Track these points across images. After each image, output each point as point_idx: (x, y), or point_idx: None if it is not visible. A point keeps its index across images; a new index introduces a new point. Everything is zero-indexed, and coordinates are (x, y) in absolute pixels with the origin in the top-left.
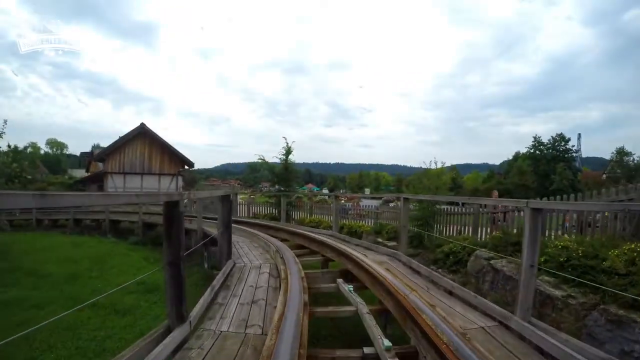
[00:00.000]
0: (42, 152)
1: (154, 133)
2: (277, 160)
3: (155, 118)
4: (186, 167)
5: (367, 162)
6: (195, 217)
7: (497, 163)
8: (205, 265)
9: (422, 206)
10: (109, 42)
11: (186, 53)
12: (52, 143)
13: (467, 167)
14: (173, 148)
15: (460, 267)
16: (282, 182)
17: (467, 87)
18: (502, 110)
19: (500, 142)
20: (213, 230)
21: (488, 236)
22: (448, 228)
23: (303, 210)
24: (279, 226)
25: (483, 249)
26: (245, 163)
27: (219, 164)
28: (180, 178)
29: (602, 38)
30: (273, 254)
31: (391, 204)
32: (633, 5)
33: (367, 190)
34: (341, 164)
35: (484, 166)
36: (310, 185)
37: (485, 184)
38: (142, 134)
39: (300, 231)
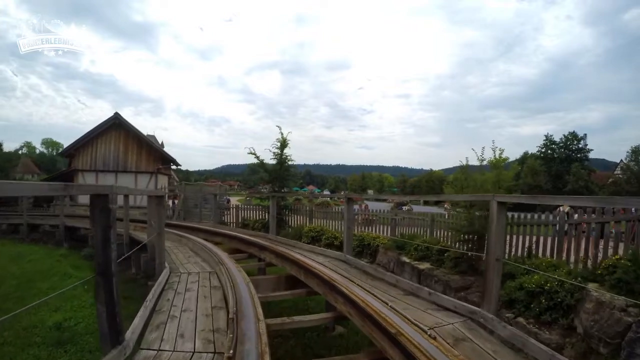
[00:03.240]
0: (37, 152)
1: (130, 125)
2: (271, 155)
3: (155, 119)
4: (172, 165)
5: (368, 164)
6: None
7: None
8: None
9: (470, 213)
10: (108, 43)
11: (185, 54)
12: (47, 143)
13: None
14: (152, 143)
15: (558, 316)
16: (277, 181)
17: (467, 88)
18: (502, 112)
19: (501, 143)
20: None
21: (582, 258)
22: (512, 244)
23: (302, 214)
24: (265, 243)
25: (593, 285)
26: (246, 164)
27: (219, 165)
28: (165, 177)
29: (602, 38)
30: (232, 315)
31: (404, 207)
32: (633, 4)
33: (371, 192)
34: (342, 165)
35: (485, 168)
36: (311, 187)
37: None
38: (116, 125)
39: (295, 256)
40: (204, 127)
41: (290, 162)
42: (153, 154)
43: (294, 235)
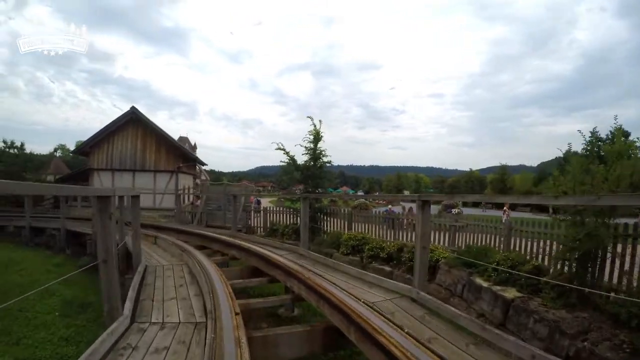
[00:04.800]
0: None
1: (148, 120)
2: (303, 150)
3: (189, 122)
4: (199, 166)
5: (402, 164)
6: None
7: (534, 165)
8: None
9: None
10: (141, 49)
11: (216, 57)
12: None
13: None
14: (172, 139)
15: None
16: (311, 181)
17: (499, 86)
18: (535, 110)
19: (535, 143)
20: None
21: None
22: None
23: (339, 218)
24: (293, 267)
25: None
26: (280, 166)
27: (253, 167)
28: (190, 177)
29: (636, 30)
30: None
31: (454, 210)
32: None
33: (407, 193)
34: (375, 166)
35: (520, 168)
36: (345, 188)
37: (538, 186)
38: (133, 120)
39: (338, 295)
40: (237, 130)
41: (325, 158)
42: (173, 152)
43: (330, 243)
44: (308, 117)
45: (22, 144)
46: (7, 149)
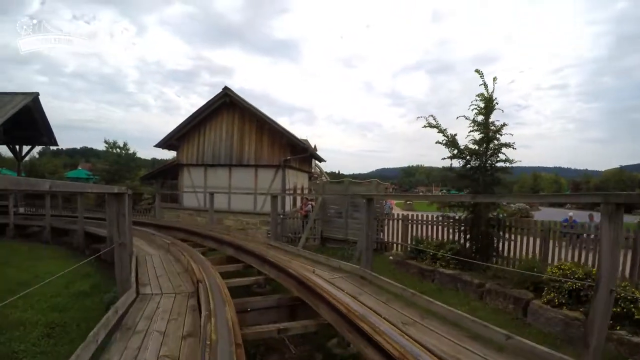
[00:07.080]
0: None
1: (245, 102)
2: (467, 124)
3: (308, 127)
4: (318, 165)
5: (528, 165)
6: None
7: None
8: None
9: None
10: (257, 61)
11: (330, 63)
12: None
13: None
14: (276, 124)
15: None
16: (481, 175)
17: (629, 71)
18: None
19: None
20: None
21: None
22: None
23: (530, 234)
24: None
25: None
26: (400, 168)
27: (373, 169)
28: (304, 174)
29: None
30: None
31: None
32: None
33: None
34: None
35: None
36: None
37: None
38: (227, 105)
39: None
40: (355, 133)
41: (502, 139)
42: (278, 141)
43: (517, 278)
44: (476, 70)
45: (125, 144)
46: (110, 149)
